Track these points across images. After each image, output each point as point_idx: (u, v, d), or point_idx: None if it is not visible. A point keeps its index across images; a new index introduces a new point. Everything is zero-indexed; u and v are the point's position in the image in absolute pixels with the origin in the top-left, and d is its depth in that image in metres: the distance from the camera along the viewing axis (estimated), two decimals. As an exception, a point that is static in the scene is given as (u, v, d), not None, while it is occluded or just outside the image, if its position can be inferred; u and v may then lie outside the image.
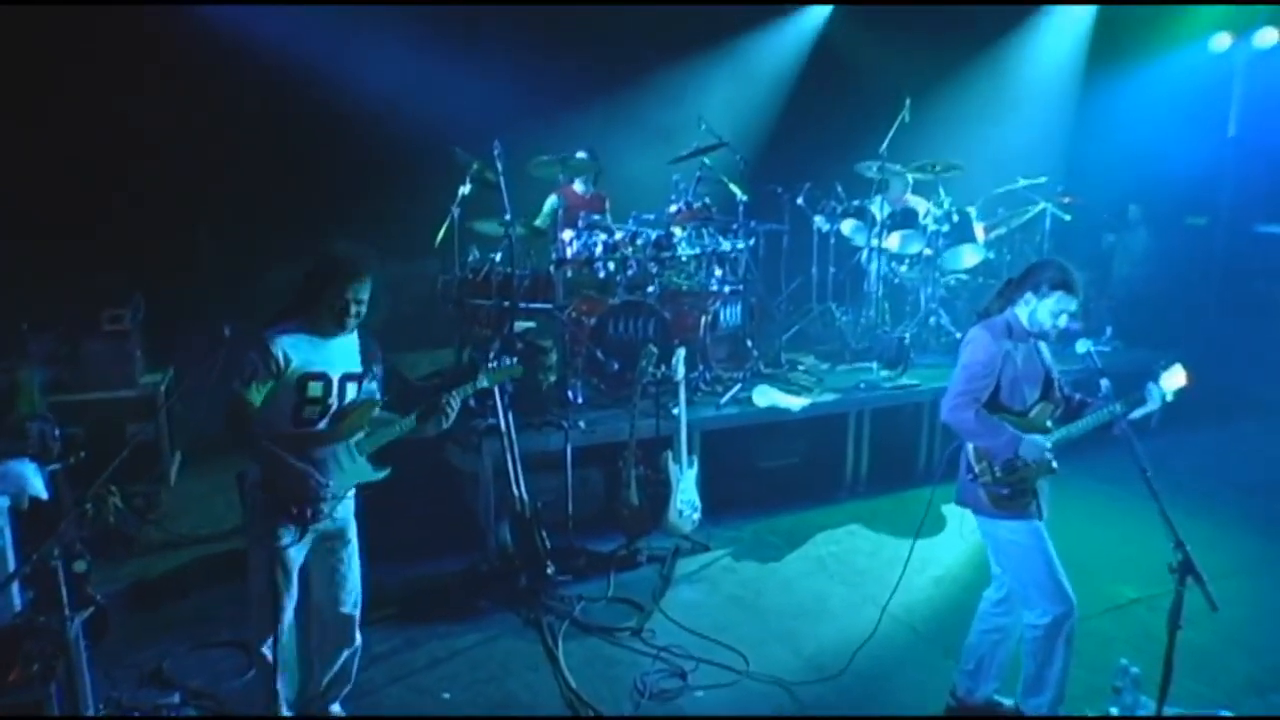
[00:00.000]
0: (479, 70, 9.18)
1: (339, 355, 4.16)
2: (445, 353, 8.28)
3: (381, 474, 4.33)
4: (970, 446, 4.35)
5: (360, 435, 4.20)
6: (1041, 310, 4.30)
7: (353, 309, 4.06)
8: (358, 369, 4.21)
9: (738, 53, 11.43)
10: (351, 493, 4.34)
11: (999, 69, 11.64)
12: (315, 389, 4.07)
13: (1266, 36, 10.96)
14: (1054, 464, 4.24)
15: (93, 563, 4.98)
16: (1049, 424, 4.35)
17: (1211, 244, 11.77)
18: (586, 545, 6.52)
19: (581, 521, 6.63)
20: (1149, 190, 11.09)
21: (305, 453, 4.03)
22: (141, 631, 5.47)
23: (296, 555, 4.18)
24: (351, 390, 4.20)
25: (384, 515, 6.49)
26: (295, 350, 4.03)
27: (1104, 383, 4.15)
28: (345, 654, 4.49)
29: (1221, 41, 11.24)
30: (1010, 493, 4.28)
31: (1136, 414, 4.32)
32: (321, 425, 4.13)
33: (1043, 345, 4.47)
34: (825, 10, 11.85)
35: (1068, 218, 9.39)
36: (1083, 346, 4.27)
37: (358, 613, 4.48)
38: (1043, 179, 9.40)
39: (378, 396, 4.35)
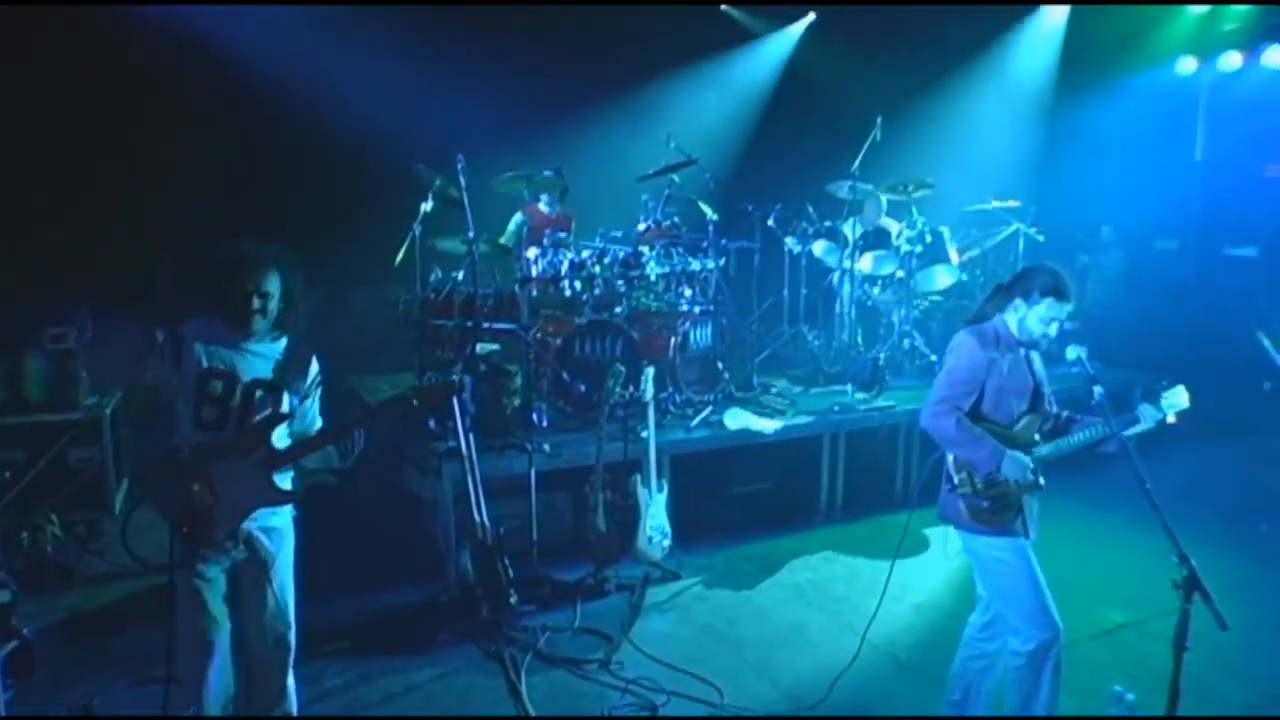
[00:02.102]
0: (444, 86, 8.93)
1: (255, 361, 3.87)
2: (407, 376, 7.99)
3: (294, 497, 4.00)
4: (950, 457, 4.13)
5: (269, 452, 3.85)
6: (1031, 318, 4.09)
7: (256, 303, 3.78)
8: (271, 376, 3.88)
9: (707, 73, 11.34)
10: (277, 517, 4.00)
11: (970, 90, 11.60)
12: (215, 387, 3.78)
13: (1231, 60, 10.99)
14: (1040, 481, 4.02)
15: (19, 594, 4.66)
16: (1036, 438, 4.14)
17: (1183, 267, 11.76)
18: (552, 574, 6.25)
19: (547, 549, 6.35)
20: (1120, 212, 11.07)
21: (205, 463, 3.72)
22: (76, 667, 5.12)
23: (214, 583, 3.85)
24: (267, 403, 3.87)
25: (338, 543, 6.32)
26: (204, 346, 3.78)
27: (1096, 389, 3.94)
28: (276, 714, 4.09)
29: (1187, 65, 11.27)
30: (992, 506, 4.05)
31: (1128, 434, 4.09)
32: (225, 434, 3.81)
33: (1034, 355, 4.26)
34: (797, 31, 11.81)
35: (1041, 238, 9.28)
36: (1073, 353, 4.07)
37: (289, 656, 4.07)
38: (1015, 203, 9.31)
39: (311, 416, 4.06)
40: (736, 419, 7.26)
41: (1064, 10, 11.50)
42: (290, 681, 4.12)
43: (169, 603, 3.86)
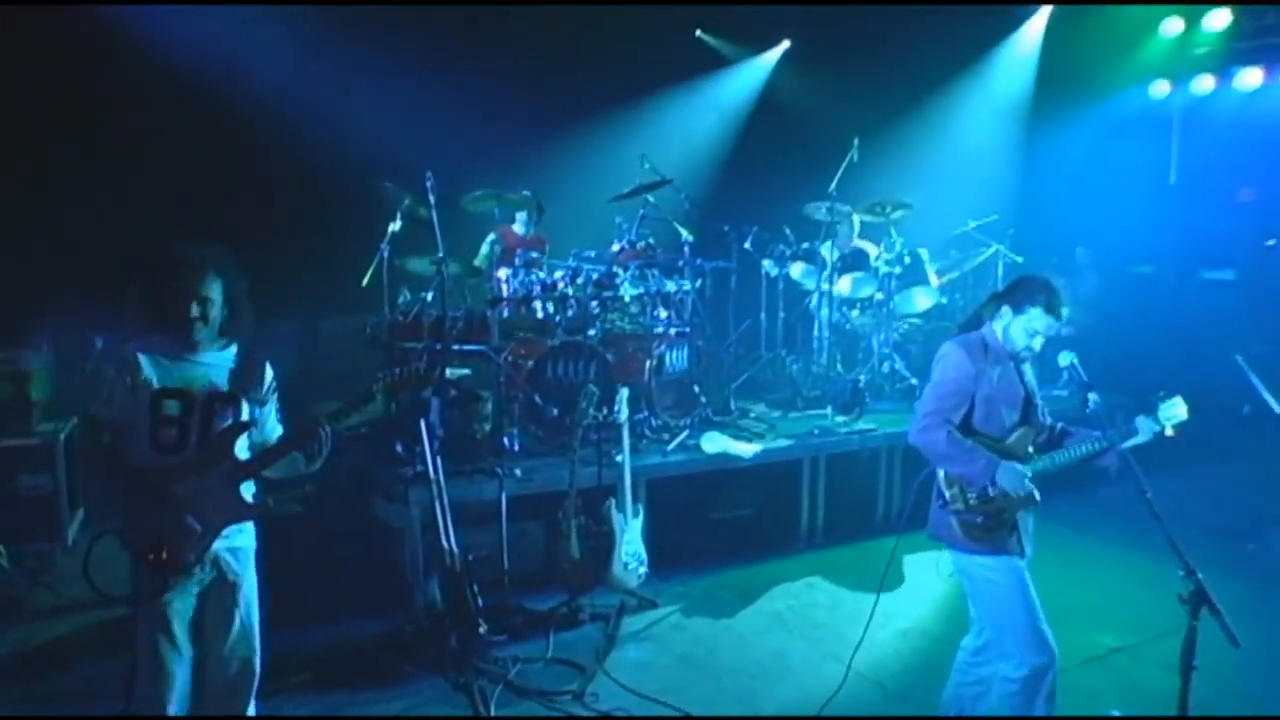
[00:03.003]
0: (418, 107, 8.79)
1: (205, 371, 3.67)
2: (376, 404, 7.77)
3: (262, 510, 3.82)
4: (941, 473, 3.96)
5: (234, 464, 3.67)
6: (1015, 327, 3.95)
7: (195, 310, 3.58)
8: (227, 387, 3.69)
9: (683, 98, 11.32)
10: (243, 536, 3.81)
11: (946, 113, 11.62)
12: (171, 407, 3.58)
13: (1204, 83, 11.01)
14: (1036, 495, 3.85)
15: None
16: (1030, 450, 3.97)
17: (1160, 291, 11.73)
18: (524, 603, 6.00)
19: (519, 578, 6.11)
20: (1097, 236, 11.03)
21: (166, 487, 3.52)
22: (20, 705, 4.88)
23: (180, 610, 3.65)
24: (226, 415, 3.68)
25: (304, 574, 6.07)
26: (152, 364, 3.57)
27: (1092, 396, 3.81)
28: None
29: (1160, 88, 11.28)
30: (985, 522, 3.87)
31: (1126, 445, 3.94)
32: (186, 454, 3.61)
33: (1026, 366, 4.11)
34: (772, 59, 11.84)
35: (1020, 259, 9.20)
36: (1065, 359, 3.92)
37: (253, 683, 3.86)
38: (994, 217, 9.26)
39: (271, 424, 3.86)
40: (714, 443, 7.07)
41: (1039, 33, 11.53)
42: (252, 710, 3.92)
43: (130, 635, 3.68)
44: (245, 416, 3.72)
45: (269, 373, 3.83)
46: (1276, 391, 10.19)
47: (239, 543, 3.78)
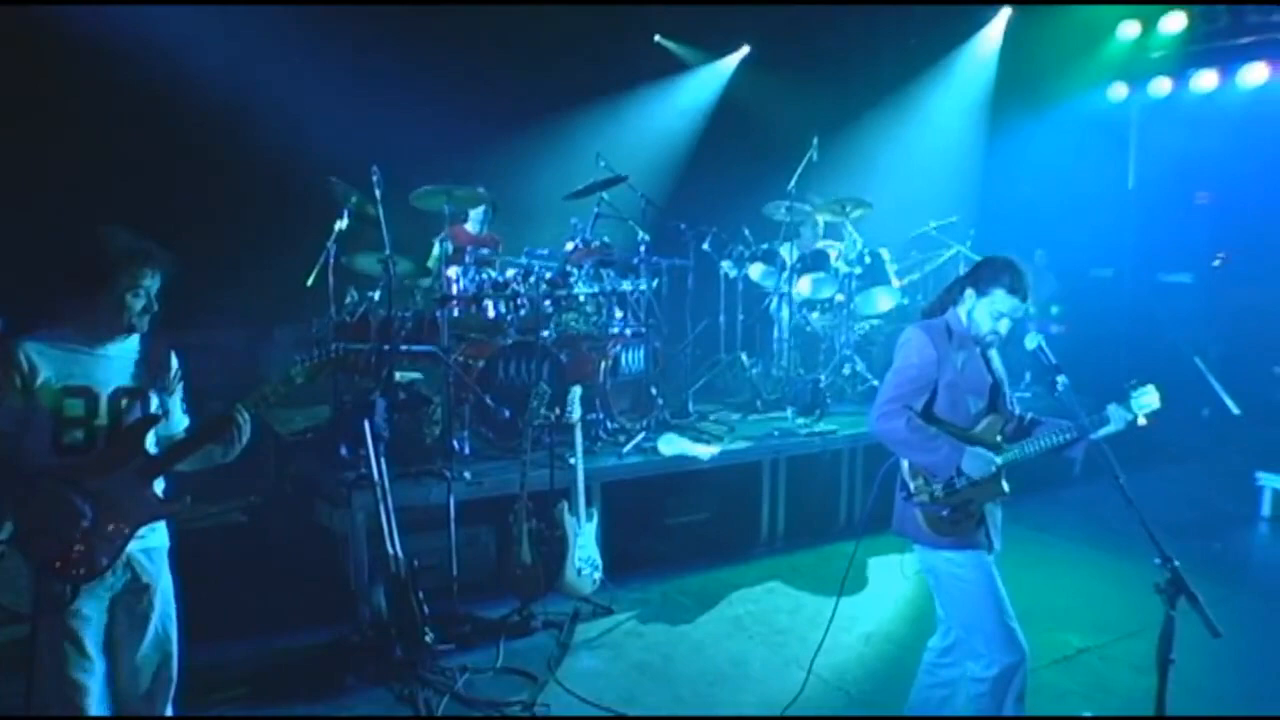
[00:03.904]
0: (370, 104, 8.55)
1: (112, 367, 3.43)
2: (324, 409, 7.53)
3: (178, 507, 3.57)
4: (905, 464, 3.78)
5: (146, 459, 3.44)
6: (980, 310, 3.78)
7: (141, 304, 3.37)
8: (135, 383, 3.46)
9: (642, 100, 11.21)
10: (156, 535, 3.56)
11: (907, 115, 11.57)
12: (75, 407, 3.33)
13: (1160, 86, 11.02)
14: (1004, 484, 3.68)
15: None
16: (998, 439, 3.79)
17: (1118, 294, 11.73)
18: (475, 611, 5.79)
19: (471, 585, 5.91)
20: (1056, 239, 11.00)
21: (75, 488, 3.27)
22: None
23: (91, 619, 3.39)
24: (135, 409, 3.44)
25: (246, 584, 5.83)
26: (48, 360, 3.31)
27: (1060, 379, 3.65)
28: None
29: (1118, 91, 11.28)
30: (951, 515, 3.69)
31: (1099, 435, 3.77)
32: (93, 452, 3.36)
33: (993, 352, 3.94)
34: (732, 64, 11.82)
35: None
36: (1032, 341, 3.76)
37: (170, 689, 3.60)
38: (954, 218, 9.17)
39: (177, 415, 3.64)
40: (671, 445, 6.88)
41: (999, 36, 11.51)
42: (170, 713, 3.66)
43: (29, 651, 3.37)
44: (155, 408, 3.49)
45: (174, 361, 3.63)
46: (1234, 393, 10.24)
47: (153, 543, 3.54)
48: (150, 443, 3.46)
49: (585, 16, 9.98)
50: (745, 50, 11.95)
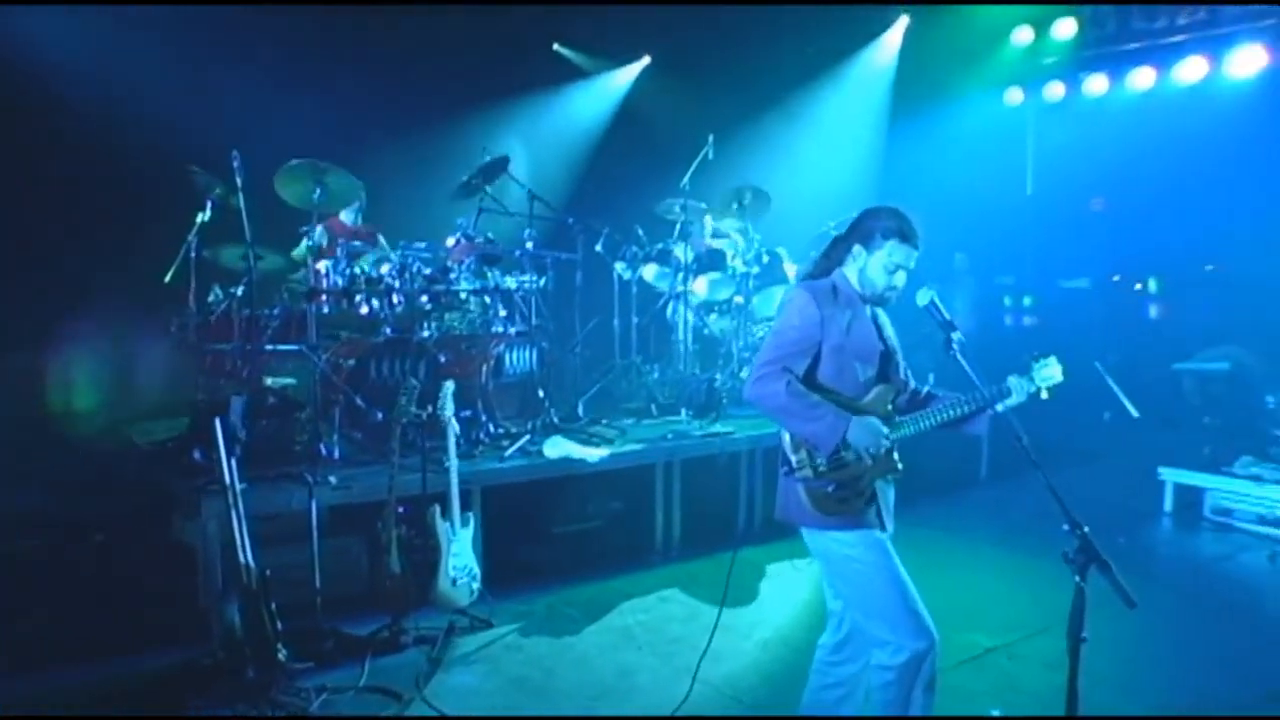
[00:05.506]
0: (236, 92, 8.07)
1: None
2: (185, 419, 6.99)
3: None
4: (786, 436, 3.45)
5: None
6: (873, 266, 3.47)
7: None
8: None
9: (538, 105, 10.94)
10: None
11: (806, 118, 11.50)
12: None
13: (1054, 90, 11.10)
14: (896, 458, 3.38)
15: None
16: (889, 409, 3.48)
17: (1019, 300, 11.78)
18: (343, 626, 5.32)
19: (342, 600, 5.44)
20: (963, 245, 10.97)
21: None
22: None
23: None
24: None
25: (92, 605, 5.31)
26: None
27: (956, 336, 3.38)
28: None
29: (1014, 96, 11.34)
30: (838, 492, 3.36)
31: (1001, 407, 3.51)
32: None
33: (882, 315, 3.63)
34: (632, 74, 11.71)
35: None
36: (924, 296, 3.46)
37: None
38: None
39: None
40: (557, 448, 6.51)
41: (897, 42, 11.49)
42: None
43: None
44: None
45: None
46: (1134, 396, 10.22)
47: None
48: None
49: (482, 18, 9.70)
50: (646, 60, 11.82)
